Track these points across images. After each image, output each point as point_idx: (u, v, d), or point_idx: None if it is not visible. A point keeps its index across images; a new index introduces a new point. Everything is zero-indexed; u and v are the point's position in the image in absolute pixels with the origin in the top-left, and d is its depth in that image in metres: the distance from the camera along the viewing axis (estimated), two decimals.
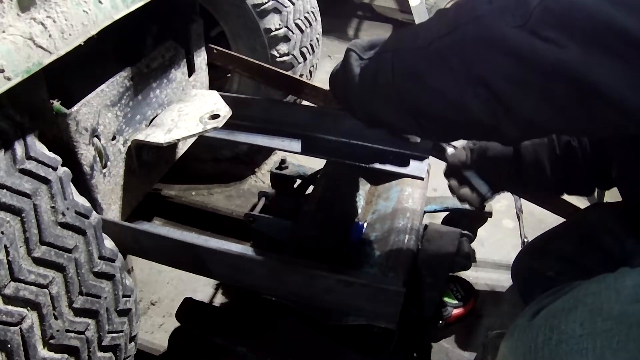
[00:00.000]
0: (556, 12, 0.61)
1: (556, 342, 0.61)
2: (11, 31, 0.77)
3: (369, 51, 0.91)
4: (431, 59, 0.75)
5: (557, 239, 1.18)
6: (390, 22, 3.72)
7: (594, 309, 0.62)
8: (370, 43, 0.92)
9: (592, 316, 0.62)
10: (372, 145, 1.38)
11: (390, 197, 1.37)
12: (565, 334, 0.61)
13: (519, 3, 0.64)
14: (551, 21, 0.61)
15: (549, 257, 1.16)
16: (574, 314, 0.63)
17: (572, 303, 0.65)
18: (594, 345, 0.59)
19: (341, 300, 1.06)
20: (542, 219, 1.99)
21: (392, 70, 0.82)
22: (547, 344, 0.62)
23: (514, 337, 0.72)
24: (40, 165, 0.83)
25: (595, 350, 0.58)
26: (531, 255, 1.22)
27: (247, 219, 1.35)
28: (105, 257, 0.96)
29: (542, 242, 1.21)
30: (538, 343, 0.63)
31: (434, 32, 0.76)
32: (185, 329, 1.23)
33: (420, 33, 0.80)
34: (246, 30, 1.71)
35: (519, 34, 0.63)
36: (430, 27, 0.79)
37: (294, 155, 1.50)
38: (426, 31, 0.79)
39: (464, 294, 1.56)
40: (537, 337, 0.64)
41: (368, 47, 0.92)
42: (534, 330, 0.66)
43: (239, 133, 1.44)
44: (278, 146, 1.42)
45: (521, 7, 0.63)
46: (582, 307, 0.63)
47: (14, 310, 0.76)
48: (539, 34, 0.62)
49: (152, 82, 1.29)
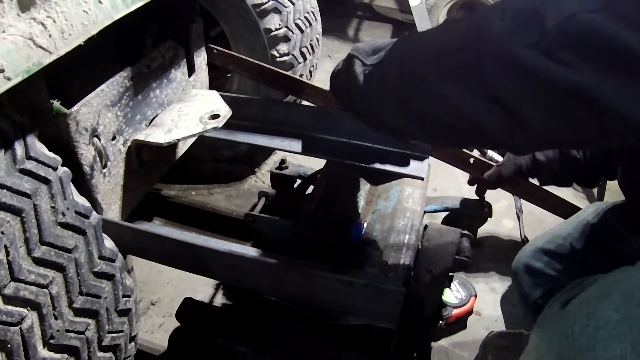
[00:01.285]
0: (573, 36, 0.61)
1: (594, 328, 0.61)
2: (11, 31, 0.77)
3: (372, 56, 0.90)
4: (443, 73, 0.76)
5: (557, 239, 1.18)
6: (390, 22, 3.73)
7: (627, 295, 0.63)
8: (372, 48, 0.92)
9: (625, 302, 0.62)
10: (372, 145, 1.38)
11: (390, 197, 1.37)
12: (602, 320, 0.62)
13: (532, 23, 0.64)
14: (567, 45, 0.61)
15: (550, 256, 1.16)
16: (609, 301, 0.63)
17: (605, 290, 0.65)
18: (631, 330, 0.59)
19: (341, 300, 1.06)
20: (542, 219, 1.99)
21: (401, 77, 0.81)
22: (584, 331, 0.62)
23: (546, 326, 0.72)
24: (40, 165, 0.83)
25: (634, 334, 0.59)
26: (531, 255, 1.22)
27: (247, 219, 1.35)
28: (105, 257, 0.96)
29: (543, 241, 1.22)
30: (575, 330, 0.63)
31: (445, 45, 0.76)
32: (185, 329, 1.23)
33: (428, 43, 0.80)
34: (246, 30, 1.71)
35: (531, 53, 0.64)
36: (441, 39, 0.79)
37: (294, 155, 1.50)
38: (436, 43, 0.79)
39: (464, 294, 1.57)
40: (574, 324, 0.64)
41: (371, 52, 0.91)
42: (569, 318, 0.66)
43: (239, 133, 1.44)
44: (278, 146, 1.42)
45: (536, 27, 0.64)
46: (615, 293, 0.64)
47: (14, 310, 0.76)
48: (553, 56, 0.62)
49: (152, 82, 1.29)
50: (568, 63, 0.61)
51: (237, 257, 1.09)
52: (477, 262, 1.76)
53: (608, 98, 0.60)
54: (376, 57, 0.89)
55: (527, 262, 1.21)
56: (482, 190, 1.61)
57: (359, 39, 3.55)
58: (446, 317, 1.50)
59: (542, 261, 1.17)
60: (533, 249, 1.22)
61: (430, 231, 1.26)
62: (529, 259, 1.21)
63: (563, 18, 0.61)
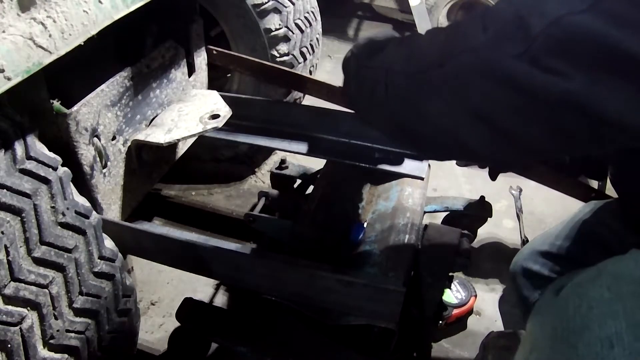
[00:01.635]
0: (561, 40, 0.58)
1: (586, 308, 0.61)
2: (11, 31, 0.77)
3: (367, 58, 0.89)
4: (424, 88, 0.73)
5: (554, 240, 1.18)
6: (390, 22, 3.72)
7: (617, 275, 0.63)
8: (370, 47, 0.91)
9: (616, 281, 0.62)
10: (372, 145, 1.38)
11: (390, 197, 1.37)
12: (594, 300, 0.61)
13: (518, 30, 0.61)
14: (555, 50, 0.59)
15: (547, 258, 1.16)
16: (600, 281, 0.63)
17: (595, 272, 0.65)
18: (624, 307, 0.59)
19: (341, 300, 1.06)
20: (542, 219, 2.00)
21: (385, 89, 0.81)
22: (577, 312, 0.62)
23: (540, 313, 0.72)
24: (40, 165, 0.83)
25: (626, 311, 0.58)
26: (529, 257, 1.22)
27: (247, 219, 1.35)
28: (105, 257, 0.96)
29: (540, 244, 1.21)
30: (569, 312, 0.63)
31: (426, 59, 0.74)
32: (185, 329, 1.23)
33: (413, 55, 0.78)
34: (246, 30, 1.71)
35: (518, 64, 0.61)
36: (423, 52, 0.76)
37: (294, 155, 1.50)
38: (419, 55, 0.77)
39: (464, 294, 1.57)
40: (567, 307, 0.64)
41: (368, 52, 0.90)
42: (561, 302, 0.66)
43: (239, 133, 1.44)
44: (278, 146, 1.42)
45: (521, 35, 0.60)
46: (606, 274, 0.63)
47: (14, 310, 0.76)
48: (541, 64, 0.59)
49: (152, 82, 1.29)
50: (557, 71, 0.59)
51: (237, 257, 1.09)
52: (477, 262, 1.76)
53: (601, 104, 0.58)
54: (369, 60, 0.88)
55: (524, 265, 1.20)
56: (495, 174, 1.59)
57: (358, 39, 3.55)
58: (446, 317, 1.50)
59: (540, 263, 1.17)
60: (530, 252, 1.22)
61: (430, 231, 1.26)
62: (527, 261, 1.20)
63: (549, 22, 0.58)
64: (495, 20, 0.65)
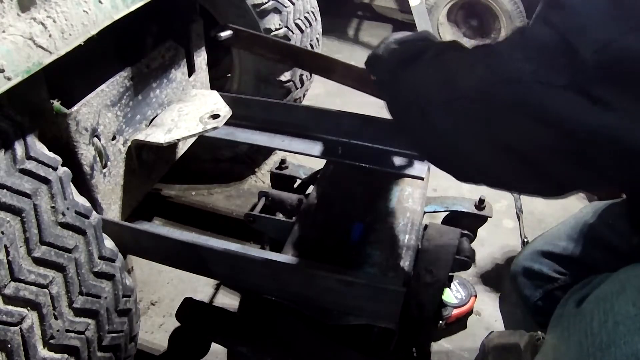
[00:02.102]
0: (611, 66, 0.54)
1: (612, 324, 0.61)
2: (11, 31, 0.77)
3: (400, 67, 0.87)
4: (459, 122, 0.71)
5: (556, 240, 1.18)
6: (390, 22, 3.72)
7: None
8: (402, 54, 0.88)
9: None
10: (372, 145, 1.38)
11: (390, 197, 1.37)
12: (620, 315, 0.61)
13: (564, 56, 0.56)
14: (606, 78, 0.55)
15: (549, 258, 1.16)
16: (625, 296, 0.62)
17: (619, 286, 0.65)
18: None
19: (341, 300, 1.06)
20: (542, 219, 2.00)
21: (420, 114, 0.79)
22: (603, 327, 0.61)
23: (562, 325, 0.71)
24: (40, 165, 0.83)
25: None
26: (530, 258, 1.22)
27: (247, 219, 1.35)
28: (105, 257, 0.96)
29: (541, 244, 1.21)
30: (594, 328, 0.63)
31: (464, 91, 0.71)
32: (185, 329, 1.23)
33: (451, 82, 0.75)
34: None
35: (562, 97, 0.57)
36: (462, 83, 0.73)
37: (294, 155, 1.50)
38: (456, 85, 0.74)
39: (464, 294, 1.57)
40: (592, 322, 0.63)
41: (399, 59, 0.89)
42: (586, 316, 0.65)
43: (239, 133, 1.44)
44: (278, 146, 1.42)
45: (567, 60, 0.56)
46: (630, 288, 0.63)
47: (14, 310, 0.75)
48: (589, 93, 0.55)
49: (152, 82, 1.29)
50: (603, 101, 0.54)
51: (238, 257, 1.09)
52: (477, 262, 1.76)
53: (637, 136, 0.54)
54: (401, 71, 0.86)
55: (525, 264, 1.20)
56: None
57: (359, 39, 3.55)
58: (446, 317, 1.50)
59: (541, 263, 1.17)
60: (531, 252, 1.22)
61: (430, 231, 1.26)
62: (528, 262, 1.20)
63: (598, 48, 0.53)
64: (538, 47, 0.61)
